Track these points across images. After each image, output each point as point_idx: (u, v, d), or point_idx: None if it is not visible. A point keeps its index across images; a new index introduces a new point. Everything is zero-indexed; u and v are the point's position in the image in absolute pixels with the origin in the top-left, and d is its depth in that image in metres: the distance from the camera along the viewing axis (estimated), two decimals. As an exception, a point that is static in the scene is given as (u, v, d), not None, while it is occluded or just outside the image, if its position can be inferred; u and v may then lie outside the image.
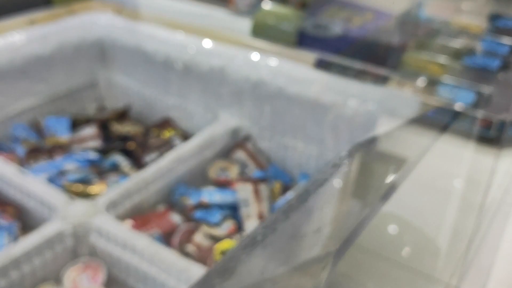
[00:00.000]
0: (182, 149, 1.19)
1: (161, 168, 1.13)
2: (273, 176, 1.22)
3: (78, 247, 0.96)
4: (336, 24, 1.37)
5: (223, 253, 1.00)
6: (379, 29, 1.45)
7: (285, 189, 1.18)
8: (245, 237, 0.46)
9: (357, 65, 1.14)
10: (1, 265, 0.84)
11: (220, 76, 1.25)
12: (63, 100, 1.43)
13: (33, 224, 1.06)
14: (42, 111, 1.39)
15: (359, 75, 1.11)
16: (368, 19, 1.51)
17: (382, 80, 1.09)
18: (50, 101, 1.41)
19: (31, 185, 1.03)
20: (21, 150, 1.24)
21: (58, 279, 0.94)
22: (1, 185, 1.09)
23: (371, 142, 0.53)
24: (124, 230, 0.93)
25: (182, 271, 0.85)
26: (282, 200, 1.14)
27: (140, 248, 0.89)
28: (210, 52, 1.27)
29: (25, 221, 1.07)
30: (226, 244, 1.02)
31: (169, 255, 0.87)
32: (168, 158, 1.16)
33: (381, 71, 1.13)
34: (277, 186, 1.19)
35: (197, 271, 0.85)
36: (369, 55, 1.21)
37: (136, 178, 1.08)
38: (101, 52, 1.48)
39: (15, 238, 0.97)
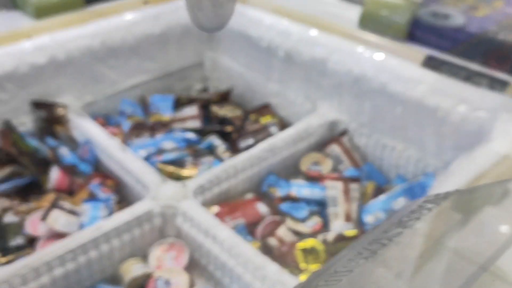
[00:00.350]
0: (277, 138, 1.18)
1: (254, 156, 1.12)
2: (367, 175, 1.17)
3: (165, 228, 1.00)
4: (458, 13, 1.25)
5: (304, 251, 0.98)
6: (506, 22, 1.29)
7: (378, 191, 1.12)
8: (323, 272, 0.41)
9: (473, 65, 1.03)
10: (93, 237, 0.90)
11: (322, 66, 1.21)
12: (170, 79, 1.49)
13: (130, 199, 1.13)
14: (149, 88, 1.45)
15: (474, 77, 1.00)
16: (496, 8, 1.36)
17: (500, 85, 0.97)
18: (157, 79, 1.47)
19: (130, 162, 1.09)
20: (126, 124, 1.31)
21: (144, 256, 0.99)
22: (104, 158, 1.16)
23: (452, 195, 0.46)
24: (208, 217, 0.95)
25: (258, 268, 0.84)
26: (372, 203, 1.08)
27: (221, 238, 0.90)
28: (313, 41, 1.22)
29: (122, 195, 1.13)
30: (309, 243, 1.00)
31: (248, 250, 0.87)
32: (262, 146, 1.15)
33: (501, 74, 1.01)
34: (369, 187, 1.13)
35: (274, 269, 0.84)
36: (488, 54, 1.09)
37: (227, 164, 1.09)
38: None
39: (110, 211, 1.04)
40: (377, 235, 0.46)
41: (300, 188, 1.13)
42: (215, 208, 1.05)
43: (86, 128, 1.21)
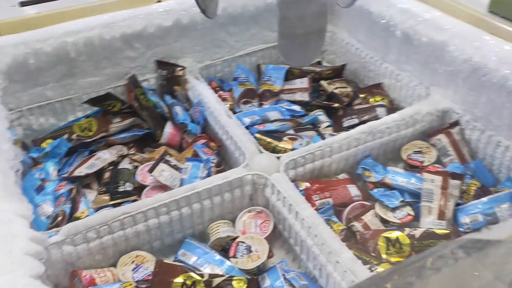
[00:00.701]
0: (381, 121, 1.14)
1: (354, 137, 1.11)
2: (472, 173, 1.09)
3: (254, 196, 1.05)
4: None
5: (388, 242, 0.96)
6: None
7: (482, 191, 1.04)
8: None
9: None
10: (187, 195, 0.97)
11: (440, 51, 1.13)
12: (286, 48, 1.50)
13: (229, 163, 1.19)
14: (264, 57, 1.48)
15: None
16: None
17: None
18: (273, 48, 1.49)
19: (232, 128, 1.14)
20: (238, 91, 1.37)
21: (232, 220, 1.05)
22: (211, 120, 1.23)
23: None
24: (294, 194, 0.97)
25: (333, 252, 0.85)
26: (473, 204, 1.01)
27: (302, 216, 0.92)
28: (435, 23, 1.14)
29: (223, 158, 1.20)
30: (395, 234, 0.98)
31: (326, 233, 0.88)
32: (364, 128, 1.13)
33: None
34: (473, 186, 1.05)
35: (347, 257, 0.84)
36: None
37: (324, 142, 1.09)
38: (329, 5, 1.47)
39: (208, 172, 1.11)
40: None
41: (396, 176, 1.10)
42: (305, 184, 1.07)
43: (199, 90, 1.28)
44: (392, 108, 1.30)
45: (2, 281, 0.59)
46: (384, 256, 0.96)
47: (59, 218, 1.02)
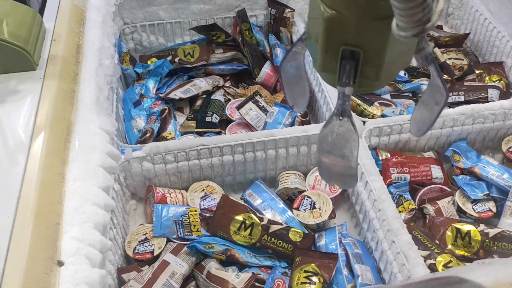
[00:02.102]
0: (487, 106, 1.05)
1: (450, 116, 1.04)
2: None
3: (331, 155, 1.04)
4: None
5: (458, 233, 0.92)
6: None
7: None
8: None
9: None
10: (264, 140, 0.99)
11: None
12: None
13: (317, 116, 1.18)
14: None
15: None
16: None
17: None
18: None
19: (326, 85, 1.12)
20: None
21: (304, 173, 1.05)
22: (309, 70, 1.21)
23: None
24: (369, 163, 0.94)
25: (391, 231, 0.83)
26: None
27: (371, 188, 0.90)
28: None
29: (311, 109, 1.19)
30: (467, 227, 0.92)
31: (390, 210, 0.86)
32: (466, 108, 1.04)
33: None
34: None
35: (404, 239, 0.82)
36: None
37: (416, 116, 1.03)
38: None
39: (292, 121, 1.11)
40: None
41: (488, 167, 1.02)
42: (386, 154, 1.03)
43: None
44: (506, 93, 1.19)
45: (75, 187, 0.66)
46: (449, 246, 0.92)
47: (148, 135, 1.10)
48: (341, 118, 0.52)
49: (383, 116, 1.07)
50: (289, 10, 1.32)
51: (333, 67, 0.48)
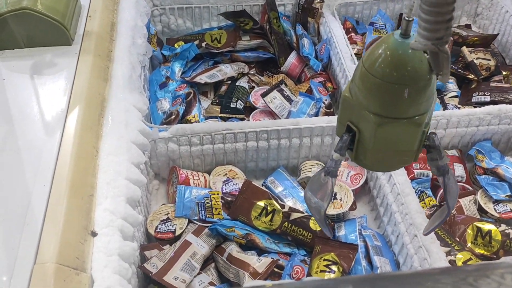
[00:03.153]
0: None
1: (476, 115, 1.03)
2: None
3: (354, 147, 1.04)
4: None
5: (478, 232, 0.92)
6: None
7: None
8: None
9: None
10: (290, 128, 0.99)
11: None
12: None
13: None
14: (410, 7, 1.39)
15: None
16: None
17: None
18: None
19: (351, 71, 1.12)
20: (370, 36, 1.31)
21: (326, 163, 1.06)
22: (334, 61, 1.21)
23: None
24: (394, 156, 0.94)
25: (414, 225, 0.84)
26: None
27: (395, 181, 0.90)
28: None
29: (336, 101, 1.19)
30: (488, 227, 0.92)
31: (413, 205, 0.86)
32: (493, 108, 1.04)
33: None
34: None
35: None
36: None
37: (443, 113, 1.03)
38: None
39: (316, 112, 1.11)
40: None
41: (511, 168, 1.02)
42: (410, 150, 1.03)
43: (332, 27, 1.26)
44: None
45: (108, 161, 0.67)
46: (469, 244, 0.92)
47: (173, 117, 1.11)
48: (326, 175, 0.62)
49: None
50: (318, 1, 1.32)
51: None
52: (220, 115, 1.14)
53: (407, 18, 0.49)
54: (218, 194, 0.98)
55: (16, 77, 0.76)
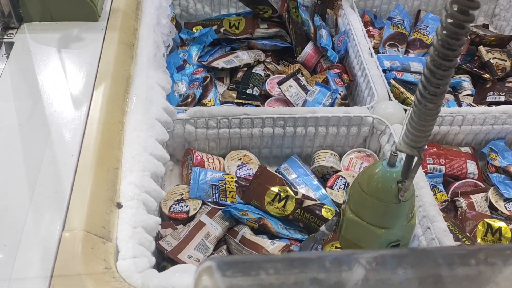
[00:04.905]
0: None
1: (491, 114, 1.04)
2: None
3: (368, 139, 1.05)
4: None
5: (489, 228, 0.93)
6: None
7: None
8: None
9: None
10: (306, 116, 1.00)
11: None
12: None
13: (356, 99, 1.19)
14: (428, 4, 1.39)
15: None
16: None
17: None
18: (441, -3, 1.39)
19: (369, 66, 1.12)
20: (388, 31, 1.32)
21: (340, 154, 1.06)
22: (351, 53, 1.22)
23: None
24: (409, 149, 0.95)
25: (427, 217, 0.84)
26: None
27: (409, 173, 0.91)
28: None
29: (351, 93, 1.20)
30: (498, 223, 0.94)
31: (427, 198, 0.87)
32: (508, 108, 1.05)
33: None
34: None
35: (440, 227, 0.83)
36: None
37: (458, 110, 1.04)
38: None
39: (332, 102, 1.12)
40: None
41: (523, 169, 1.03)
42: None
43: (350, 19, 1.26)
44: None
45: (133, 136, 0.68)
46: (478, 240, 0.93)
47: (189, 99, 1.11)
48: (315, 244, 0.73)
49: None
50: (338, -8, 1.32)
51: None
52: (236, 100, 1.14)
53: (393, 154, 0.58)
54: (232, 177, 0.99)
55: (43, 49, 0.76)
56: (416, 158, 0.54)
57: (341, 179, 1.00)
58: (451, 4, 0.41)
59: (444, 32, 0.42)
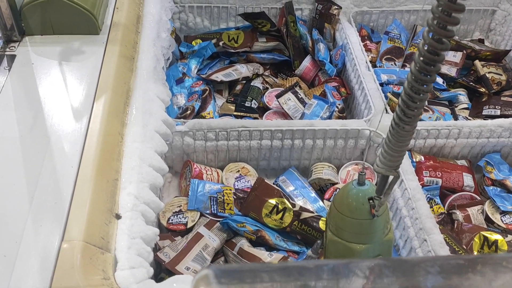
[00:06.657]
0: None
1: (487, 127, 1.05)
2: None
3: (366, 152, 1.06)
4: None
5: (485, 241, 0.93)
6: None
7: None
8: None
9: None
10: (304, 128, 1.01)
11: None
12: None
13: (353, 113, 1.20)
14: (424, 19, 1.41)
15: None
16: None
17: None
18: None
19: (366, 80, 1.13)
20: (385, 45, 1.33)
21: (338, 166, 1.07)
22: (349, 67, 1.23)
23: None
24: (406, 163, 0.96)
25: (423, 230, 0.85)
26: None
27: (406, 186, 0.92)
28: None
29: (348, 106, 1.21)
30: (494, 236, 0.94)
31: (424, 210, 0.87)
32: (504, 121, 1.06)
33: None
34: None
35: (436, 239, 0.84)
36: None
37: (454, 123, 1.05)
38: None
39: (330, 115, 1.13)
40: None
41: (519, 182, 1.03)
42: (420, 157, 1.05)
43: (347, 34, 1.28)
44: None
45: (133, 147, 0.69)
46: (475, 252, 0.93)
47: (188, 112, 1.12)
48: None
49: (420, 120, 1.09)
50: (336, 7, 1.34)
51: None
52: (234, 113, 1.15)
53: (361, 174, 0.61)
54: (230, 189, 0.99)
55: (44, 62, 0.77)
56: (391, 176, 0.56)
57: (338, 191, 1.01)
58: (427, 33, 0.42)
59: (421, 59, 0.44)
